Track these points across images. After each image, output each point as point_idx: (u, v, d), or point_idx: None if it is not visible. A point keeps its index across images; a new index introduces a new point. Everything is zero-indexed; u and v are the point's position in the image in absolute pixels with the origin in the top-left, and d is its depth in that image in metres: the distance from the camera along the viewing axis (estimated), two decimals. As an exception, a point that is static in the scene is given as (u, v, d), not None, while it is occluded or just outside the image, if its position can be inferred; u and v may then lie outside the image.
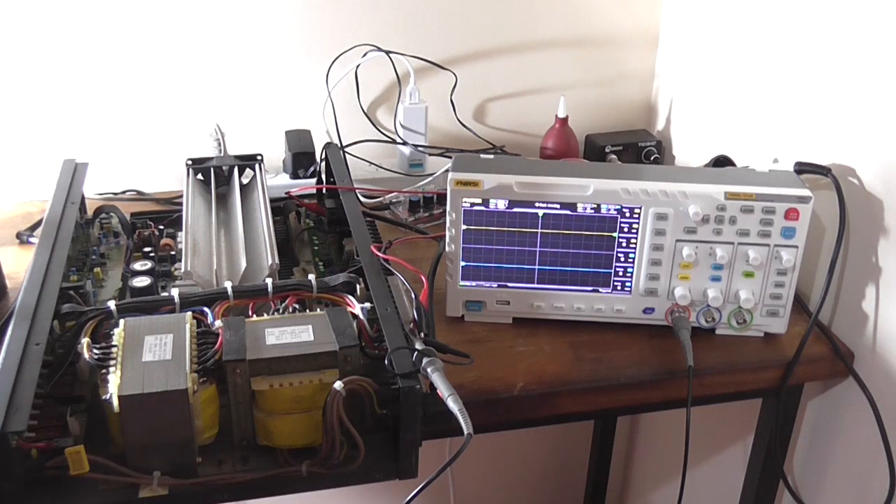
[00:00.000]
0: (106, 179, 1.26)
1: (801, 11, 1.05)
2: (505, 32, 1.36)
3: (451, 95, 1.35)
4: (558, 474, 1.86)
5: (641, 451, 1.72)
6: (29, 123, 1.25)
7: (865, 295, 0.98)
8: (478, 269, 0.95)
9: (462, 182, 0.91)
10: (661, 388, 0.92)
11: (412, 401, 0.71)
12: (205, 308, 0.79)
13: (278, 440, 0.72)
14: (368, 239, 0.94)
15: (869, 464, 1.02)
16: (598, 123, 1.44)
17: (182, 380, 0.68)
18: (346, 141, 1.30)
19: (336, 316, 0.77)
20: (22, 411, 0.66)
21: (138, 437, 0.68)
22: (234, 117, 1.28)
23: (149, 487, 0.68)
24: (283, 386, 0.71)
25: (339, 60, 1.29)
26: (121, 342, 0.72)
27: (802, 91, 1.06)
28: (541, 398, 0.89)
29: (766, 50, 1.13)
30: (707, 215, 0.90)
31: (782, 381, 0.96)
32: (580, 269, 0.94)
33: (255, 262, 0.92)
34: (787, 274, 0.92)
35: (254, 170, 1.11)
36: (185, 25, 1.24)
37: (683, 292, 0.93)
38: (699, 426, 0.94)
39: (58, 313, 0.79)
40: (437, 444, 0.90)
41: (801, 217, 0.90)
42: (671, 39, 1.38)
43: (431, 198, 1.22)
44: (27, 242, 1.13)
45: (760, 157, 1.13)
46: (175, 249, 1.02)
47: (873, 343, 0.98)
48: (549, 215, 0.91)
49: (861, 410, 1.00)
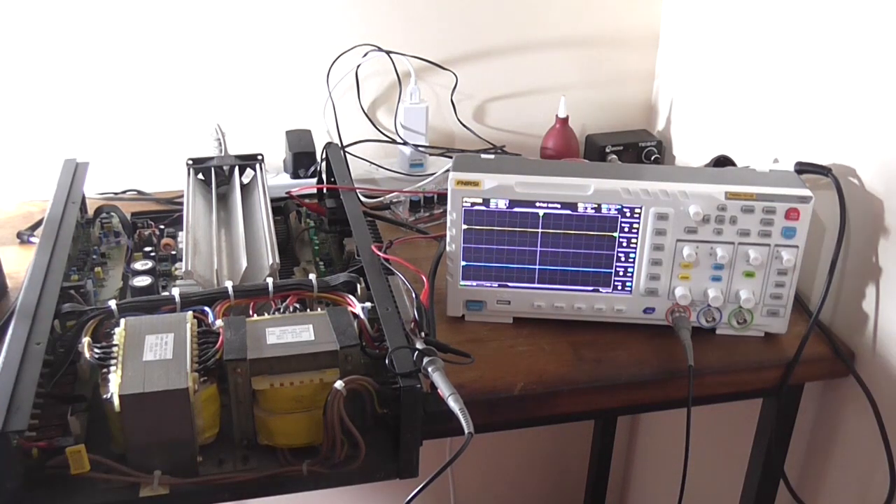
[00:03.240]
0: (106, 179, 1.26)
1: (801, 11, 1.05)
2: (505, 32, 1.36)
3: (451, 95, 1.35)
4: (558, 474, 1.86)
5: (641, 451, 1.72)
6: (30, 123, 1.25)
7: (865, 295, 0.99)
8: (478, 268, 0.95)
9: (463, 182, 0.91)
10: (661, 387, 0.92)
11: (413, 400, 0.71)
12: (205, 307, 0.79)
13: (279, 439, 0.72)
14: (369, 238, 0.94)
15: (869, 464, 1.02)
16: (598, 123, 1.44)
17: (183, 379, 0.68)
18: (346, 141, 1.30)
19: (337, 315, 0.77)
20: (23, 410, 0.66)
21: (139, 436, 0.68)
22: (234, 117, 1.28)
23: (149, 487, 0.68)
24: (284, 385, 0.71)
25: (339, 60, 1.29)
26: (121, 341, 0.72)
27: (802, 91, 1.06)
28: (541, 398, 0.89)
29: (766, 50, 1.13)
30: (707, 215, 0.90)
31: (782, 381, 0.96)
32: (581, 268, 0.94)
33: (255, 262, 0.92)
34: (788, 274, 0.92)
35: (254, 169, 1.11)
36: (185, 25, 1.24)
37: (684, 292, 0.93)
38: (699, 426, 0.94)
39: (58, 313, 0.79)
40: (438, 444, 0.91)
41: (802, 217, 0.90)
42: (671, 39, 1.38)
43: (432, 198, 1.22)
44: (28, 242, 1.13)
45: (761, 157, 1.13)
46: (176, 249, 1.02)
47: (873, 343, 0.98)
48: (549, 215, 0.91)
49: (861, 410, 1.00)
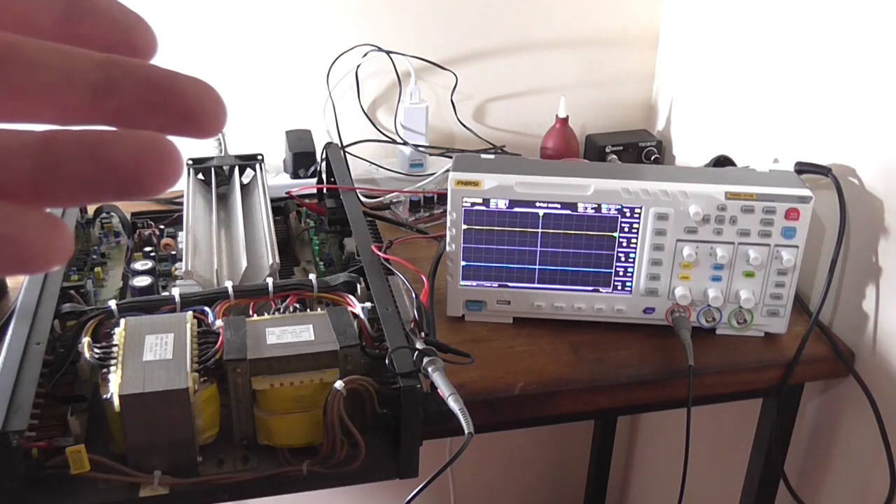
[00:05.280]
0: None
1: (801, 12, 1.05)
2: (505, 32, 1.36)
3: (451, 95, 1.35)
4: (558, 474, 1.86)
5: (641, 451, 1.72)
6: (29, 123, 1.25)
7: (865, 295, 0.98)
8: (478, 268, 0.95)
9: (463, 182, 0.91)
10: (661, 387, 0.92)
11: (413, 400, 0.71)
12: (205, 307, 0.79)
13: (279, 439, 0.72)
14: (369, 238, 0.94)
15: (869, 464, 1.02)
16: (598, 123, 1.44)
17: (183, 379, 0.68)
18: (346, 141, 1.30)
19: (337, 315, 0.77)
20: (23, 410, 0.66)
21: (139, 436, 0.68)
22: (234, 117, 1.27)
23: (149, 487, 0.68)
24: (284, 385, 0.71)
25: (339, 60, 1.29)
26: (121, 341, 0.72)
27: (802, 91, 1.06)
28: (541, 398, 0.89)
29: (766, 50, 1.13)
30: (707, 215, 0.90)
31: (782, 381, 0.96)
32: (581, 268, 0.94)
33: (255, 262, 0.92)
34: (788, 274, 0.92)
35: (254, 169, 1.11)
36: (185, 25, 1.24)
37: (684, 292, 0.93)
38: (699, 426, 0.94)
39: (58, 313, 0.79)
40: (438, 444, 0.91)
41: (802, 217, 0.90)
42: (671, 39, 1.38)
43: (432, 198, 1.22)
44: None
45: (760, 157, 1.13)
46: (175, 249, 1.02)
47: (873, 343, 0.98)
48: (549, 215, 0.91)
49: (861, 410, 1.00)
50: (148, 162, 0.22)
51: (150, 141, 0.22)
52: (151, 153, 0.22)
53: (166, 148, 0.22)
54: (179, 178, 0.23)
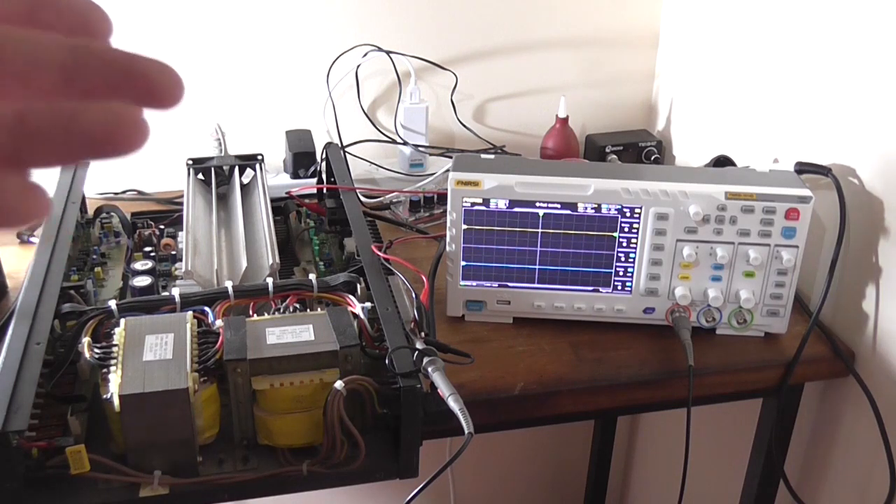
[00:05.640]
0: (106, 179, 1.26)
1: (801, 12, 1.05)
2: (505, 32, 1.36)
3: (451, 95, 1.35)
4: (558, 474, 1.86)
5: (641, 451, 1.72)
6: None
7: (865, 295, 0.98)
8: (478, 268, 0.95)
9: (463, 182, 0.91)
10: (661, 387, 0.92)
11: (413, 400, 0.71)
12: (205, 307, 0.79)
13: (279, 439, 0.72)
14: (369, 239, 0.94)
15: (869, 464, 1.02)
16: (598, 123, 1.44)
17: (183, 379, 0.68)
18: (346, 141, 1.30)
19: (337, 315, 0.77)
20: (23, 410, 0.66)
21: (139, 436, 0.68)
22: (234, 117, 1.28)
23: (149, 487, 0.68)
24: (284, 385, 0.71)
25: (339, 60, 1.29)
26: (121, 341, 0.72)
27: (802, 91, 1.06)
28: (541, 398, 0.89)
29: (766, 50, 1.13)
30: (707, 215, 0.90)
31: (782, 381, 0.96)
32: (581, 268, 0.94)
33: (255, 262, 0.92)
34: (788, 274, 0.92)
35: (254, 169, 1.11)
36: (185, 25, 1.24)
37: (684, 292, 0.93)
38: (699, 426, 0.94)
39: (58, 313, 0.79)
40: (437, 444, 0.91)
41: (802, 217, 0.90)
42: (671, 39, 1.38)
43: (432, 198, 1.22)
44: (28, 242, 1.13)
45: (760, 157, 1.13)
46: (175, 249, 1.02)
47: (873, 343, 0.98)
48: (549, 215, 0.91)
49: (861, 410, 1.00)
50: (119, 127, 0.26)
51: (119, 109, 0.26)
52: (121, 120, 0.26)
53: (133, 114, 0.26)
54: (146, 141, 0.26)
